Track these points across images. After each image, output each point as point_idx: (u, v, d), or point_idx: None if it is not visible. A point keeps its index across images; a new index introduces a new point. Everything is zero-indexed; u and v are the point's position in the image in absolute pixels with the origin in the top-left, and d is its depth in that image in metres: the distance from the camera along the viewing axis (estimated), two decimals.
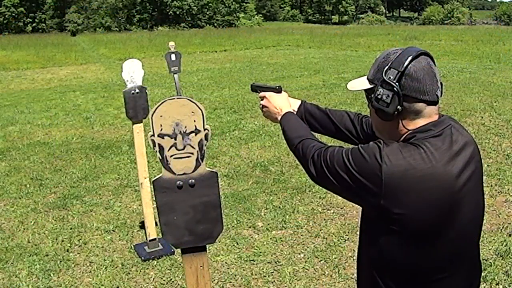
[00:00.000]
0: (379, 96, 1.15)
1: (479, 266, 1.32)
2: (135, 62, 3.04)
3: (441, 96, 1.17)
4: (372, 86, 1.20)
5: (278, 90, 1.57)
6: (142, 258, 3.22)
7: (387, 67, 1.15)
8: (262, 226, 3.64)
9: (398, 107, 1.13)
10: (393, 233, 1.13)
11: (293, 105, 1.59)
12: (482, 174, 1.24)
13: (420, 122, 1.15)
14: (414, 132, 1.14)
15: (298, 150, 1.32)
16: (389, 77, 1.13)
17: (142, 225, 3.58)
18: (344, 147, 1.21)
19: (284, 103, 1.52)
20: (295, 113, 1.54)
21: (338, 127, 1.53)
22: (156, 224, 3.31)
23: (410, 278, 1.18)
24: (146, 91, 3.07)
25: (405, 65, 1.12)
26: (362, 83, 1.24)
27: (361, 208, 1.25)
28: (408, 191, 1.08)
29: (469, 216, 1.17)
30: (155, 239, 3.32)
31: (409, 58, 1.12)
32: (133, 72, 3.01)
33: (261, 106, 1.58)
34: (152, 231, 3.32)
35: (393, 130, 1.19)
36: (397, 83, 1.12)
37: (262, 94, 1.59)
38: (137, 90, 3.01)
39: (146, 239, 3.35)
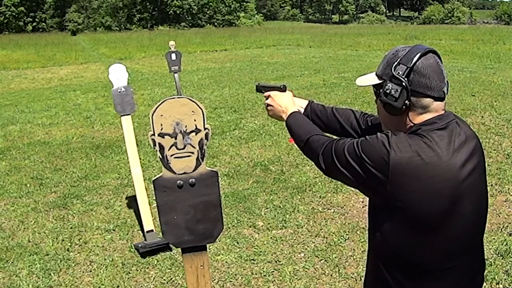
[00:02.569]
0: (388, 91, 1.18)
1: (483, 263, 1.33)
2: (120, 66, 3.48)
3: (447, 93, 1.20)
4: (381, 81, 1.23)
5: (283, 89, 1.58)
6: (140, 246, 3.24)
7: (396, 63, 1.18)
8: (262, 226, 3.64)
9: (406, 101, 1.16)
10: (398, 221, 1.16)
11: (300, 104, 1.61)
12: (485, 169, 1.26)
13: (426, 117, 1.19)
14: (420, 125, 1.18)
15: (307, 146, 1.35)
16: (398, 72, 1.17)
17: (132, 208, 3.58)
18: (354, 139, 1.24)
19: (289, 102, 1.54)
20: (301, 112, 1.55)
21: (344, 126, 1.55)
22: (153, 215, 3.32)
23: (414, 268, 1.20)
24: (131, 89, 3.45)
25: (413, 61, 1.15)
26: (371, 79, 1.27)
27: (365, 205, 1.26)
28: (413, 178, 1.11)
29: (471, 209, 1.19)
30: (152, 230, 3.35)
31: (418, 55, 1.16)
32: (118, 75, 3.43)
33: (266, 105, 1.60)
34: (149, 223, 3.35)
35: (399, 124, 1.22)
36: (405, 78, 1.16)
37: (266, 93, 1.60)
38: (123, 89, 3.39)
39: (143, 231, 3.37)
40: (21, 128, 7.11)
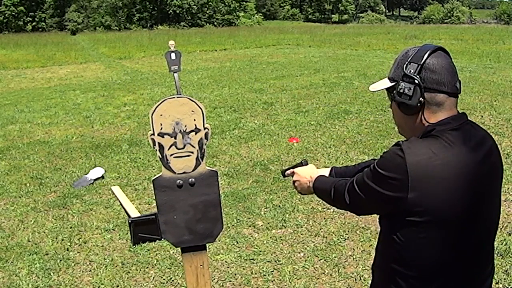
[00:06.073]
0: (401, 90, 1.19)
1: (492, 267, 1.33)
2: (99, 169, 4.89)
3: (460, 89, 1.21)
4: (393, 83, 1.23)
5: (304, 163, 1.65)
6: (129, 221, 3.37)
7: (407, 62, 1.19)
8: (262, 225, 3.64)
9: (420, 98, 1.17)
10: (420, 227, 1.14)
11: (322, 173, 1.62)
12: (501, 172, 1.26)
13: (441, 116, 1.18)
14: (435, 125, 1.18)
15: (334, 196, 1.36)
16: (410, 71, 1.18)
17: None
18: None
19: (312, 171, 1.58)
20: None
21: None
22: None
23: (431, 273, 1.18)
24: (103, 175, 4.87)
25: (424, 58, 1.17)
26: (383, 83, 1.28)
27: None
28: (435, 179, 1.10)
29: (486, 210, 1.20)
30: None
31: (428, 52, 1.17)
32: (95, 173, 4.81)
33: (293, 182, 1.64)
34: (134, 212, 3.56)
35: (415, 125, 1.22)
36: (417, 76, 1.16)
37: (290, 171, 1.66)
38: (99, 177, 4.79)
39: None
40: (21, 128, 7.11)
